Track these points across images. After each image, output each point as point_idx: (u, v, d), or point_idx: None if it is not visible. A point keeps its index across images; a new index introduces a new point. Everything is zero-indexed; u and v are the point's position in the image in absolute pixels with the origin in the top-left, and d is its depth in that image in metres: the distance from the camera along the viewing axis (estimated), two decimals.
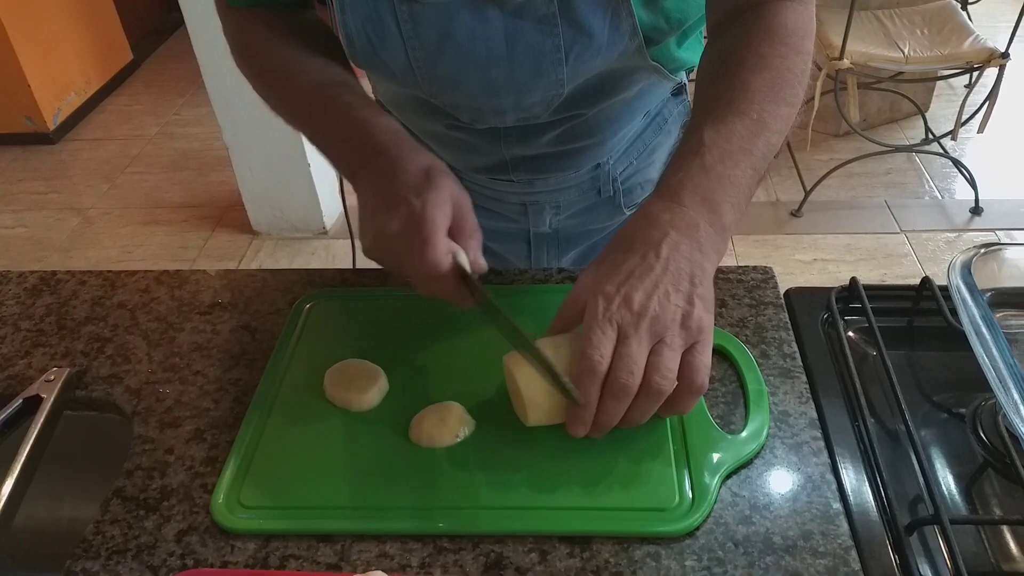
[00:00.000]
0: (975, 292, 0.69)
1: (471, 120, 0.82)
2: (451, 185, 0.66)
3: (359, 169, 0.70)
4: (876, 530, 0.61)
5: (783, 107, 0.68)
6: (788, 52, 0.69)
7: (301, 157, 2.55)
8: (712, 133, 0.65)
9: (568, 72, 0.75)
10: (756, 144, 0.66)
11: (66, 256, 2.73)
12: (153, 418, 0.70)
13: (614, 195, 0.97)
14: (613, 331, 0.58)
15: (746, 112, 0.66)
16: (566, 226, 1.00)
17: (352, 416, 0.69)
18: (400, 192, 0.64)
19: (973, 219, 2.62)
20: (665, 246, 0.61)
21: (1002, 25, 2.96)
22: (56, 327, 0.82)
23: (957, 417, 0.72)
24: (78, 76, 3.52)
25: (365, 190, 0.69)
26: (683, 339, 0.59)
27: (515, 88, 0.76)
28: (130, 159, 3.26)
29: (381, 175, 0.67)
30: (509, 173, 0.91)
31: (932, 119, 3.03)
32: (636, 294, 0.59)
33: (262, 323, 0.80)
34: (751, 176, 0.65)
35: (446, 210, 0.64)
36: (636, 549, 0.58)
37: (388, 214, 0.64)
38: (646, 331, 0.58)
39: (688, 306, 0.60)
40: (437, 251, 0.62)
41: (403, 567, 0.58)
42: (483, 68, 0.75)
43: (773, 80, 0.68)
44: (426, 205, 0.63)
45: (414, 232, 0.62)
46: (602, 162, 0.94)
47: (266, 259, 2.66)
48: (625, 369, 0.57)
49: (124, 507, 0.63)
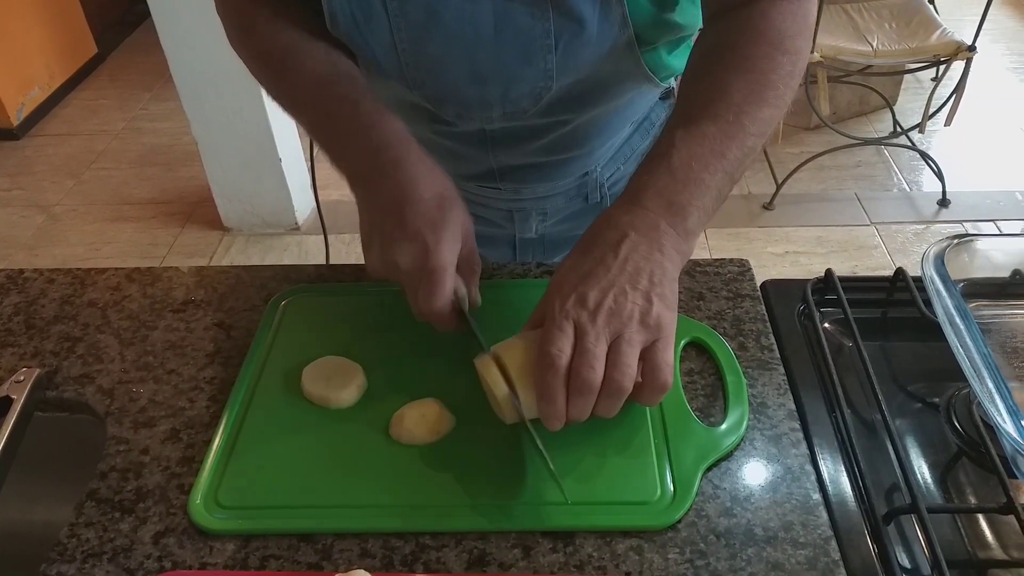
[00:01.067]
0: (948, 283, 0.70)
1: (456, 116, 0.80)
2: (461, 217, 0.66)
3: (366, 179, 0.69)
4: (854, 520, 0.62)
5: (765, 109, 0.67)
6: (774, 52, 0.68)
7: (272, 152, 2.53)
8: (683, 135, 0.65)
9: (558, 61, 0.73)
10: (729, 147, 0.65)
11: (31, 254, 2.68)
12: (127, 418, 0.69)
13: (601, 201, 0.96)
14: (570, 327, 0.58)
15: (722, 114, 0.65)
16: (552, 232, 0.99)
17: (331, 414, 0.68)
18: (414, 224, 0.64)
19: (941, 211, 2.66)
20: (624, 247, 0.61)
21: (968, 18, 3.00)
22: (24, 327, 0.80)
23: (931, 407, 0.73)
24: (41, 70, 3.45)
25: (372, 206, 0.68)
26: (642, 336, 0.59)
27: (502, 76, 0.75)
28: (96, 155, 3.21)
29: (393, 197, 0.66)
30: (496, 181, 0.91)
31: (900, 112, 3.07)
32: (591, 292, 0.59)
33: (237, 320, 0.79)
34: (722, 179, 0.65)
35: (456, 248, 0.64)
36: (619, 543, 0.58)
37: (400, 245, 0.64)
38: (603, 327, 0.58)
39: (646, 303, 0.59)
40: (444, 293, 0.63)
41: (386, 566, 0.58)
42: (470, 51, 0.73)
43: (755, 82, 0.67)
44: (439, 244, 0.63)
45: (424, 272, 0.63)
46: (590, 170, 0.93)
47: (238, 255, 2.63)
48: (586, 365, 0.57)
49: (99, 509, 0.62)
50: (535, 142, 0.85)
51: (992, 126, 3.13)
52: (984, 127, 3.11)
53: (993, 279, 0.78)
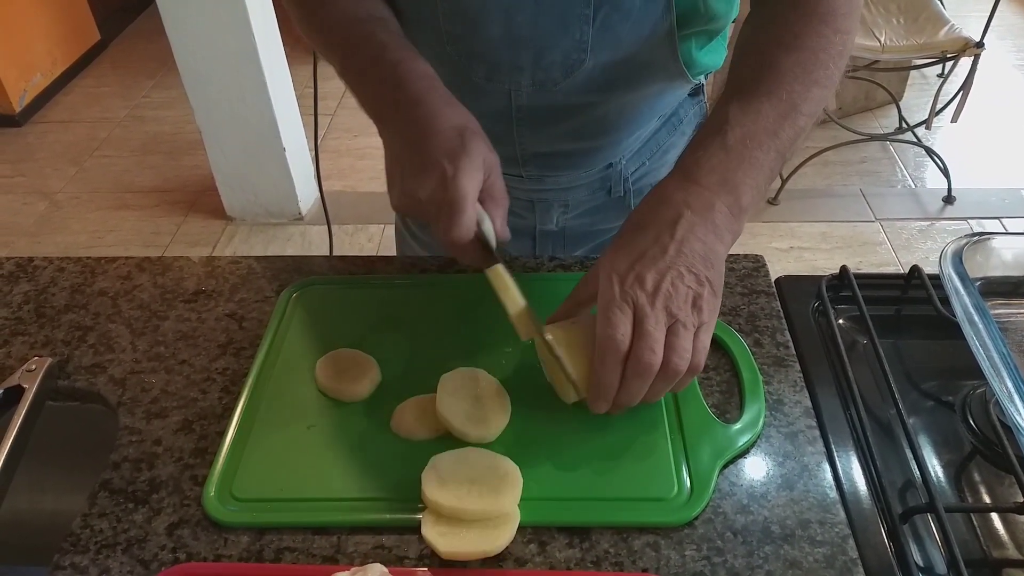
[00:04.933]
0: (967, 281, 0.70)
1: (485, 78, 0.78)
2: (484, 149, 0.64)
3: (390, 115, 0.67)
4: (871, 518, 0.61)
5: (815, 89, 0.66)
6: (826, 31, 0.67)
7: (276, 141, 2.52)
8: (737, 112, 0.64)
9: (594, 34, 0.72)
10: (783, 126, 0.65)
11: (34, 241, 2.67)
12: (139, 408, 0.69)
13: (624, 196, 0.95)
14: (630, 309, 0.58)
15: (775, 92, 0.65)
16: (573, 225, 0.98)
17: (344, 407, 0.68)
18: (433, 155, 0.62)
19: (946, 208, 2.65)
20: (680, 227, 0.61)
21: (975, 15, 2.99)
22: (35, 315, 0.79)
23: (946, 405, 0.73)
24: (44, 56, 3.43)
25: (395, 140, 0.66)
26: (694, 320, 0.59)
27: (536, 41, 0.74)
28: (99, 142, 3.19)
29: (414, 130, 0.64)
30: (520, 167, 0.89)
31: (906, 108, 3.06)
32: (649, 274, 0.59)
33: (248, 311, 0.79)
34: (774, 159, 0.64)
35: (477, 178, 0.62)
36: (635, 539, 0.58)
37: (419, 177, 0.62)
38: (661, 310, 0.58)
39: (700, 287, 0.60)
40: (464, 223, 0.60)
41: (400, 559, 0.57)
42: (507, 11, 0.72)
43: (807, 61, 0.66)
44: (458, 173, 0.61)
45: (444, 200, 0.61)
46: (614, 162, 0.92)
47: (240, 245, 2.62)
48: (648, 348, 0.57)
49: (112, 500, 0.62)
50: (562, 124, 0.84)
51: (998, 123, 3.12)
52: (990, 124, 3.10)
53: (1009, 278, 0.78)
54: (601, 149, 0.89)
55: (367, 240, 2.62)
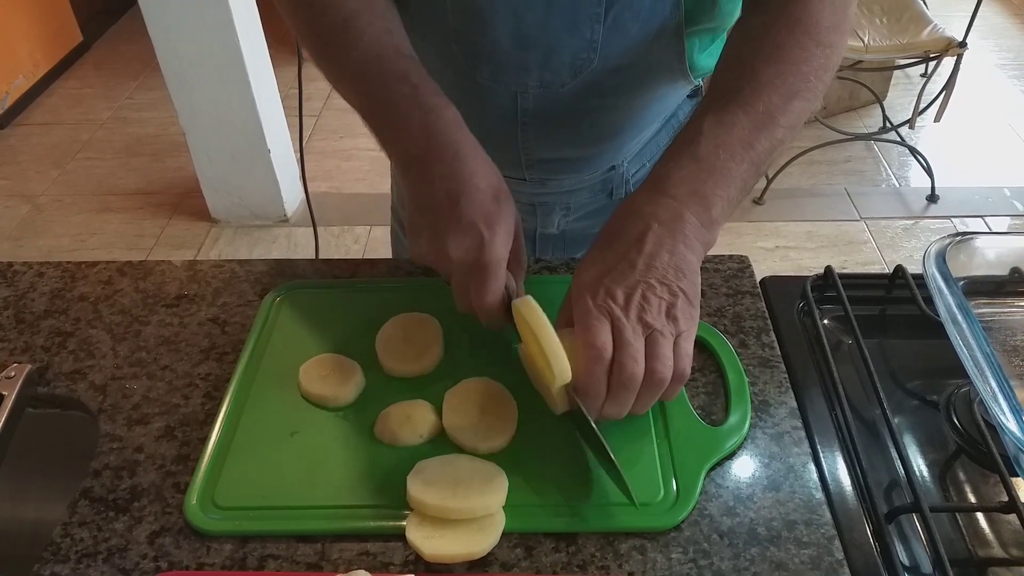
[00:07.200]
0: (950, 281, 0.70)
1: (491, 78, 0.78)
2: (515, 213, 0.65)
3: (420, 159, 0.65)
4: (856, 518, 0.61)
5: (796, 101, 0.66)
6: (809, 43, 0.67)
7: (261, 143, 2.50)
8: (712, 123, 0.64)
9: (604, 34, 0.72)
10: (758, 138, 0.64)
11: (16, 245, 2.64)
12: (120, 415, 0.68)
13: (625, 197, 0.95)
14: (606, 320, 0.58)
15: (752, 104, 0.64)
16: (573, 228, 0.97)
17: (328, 412, 0.67)
18: (469, 215, 0.62)
19: (929, 207, 2.67)
20: (648, 241, 0.61)
21: (957, 15, 3.02)
22: (14, 321, 0.78)
23: (930, 404, 0.73)
24: (26, 58, 3.40)
25: (426, 190, 0.65)
26: (670, 329, 0.59)
27: (545, 41, 0.73)
28: (81, 144, 3.17)
29: (451, 185, 0.63)
30: (524, 171, 0.89)
31: (890, 108, 3.08)
32: (619, 289, 0.59)
33: (231, 315, 0.78)
34: (748, 170, 0.64)
35: (509, 243, 0.63)
36: (621, 543, 0.58)
37: (454, 237, 0.62)
38: (636, 321, 0.58)
39: (672, 298, 0.60)
40: (496, 290, 0.62)
41: (385, 565, 0.57)
42: (517, 11, 0.71)
43: (787, 72, 0.66)
44: (494, 239, 0.61)
45: (478, 264, 0.61)
46: (617, 164, 0.91)
47: (225, 248, 2.60)
48: (630, 358, 0.57)
49: (93, 508, 0.61)
50: (567, 128, 0.83)
51: (981, 122, 3.14)
52: (973, 123, 3.12)
53: (992, 277, 0.78)
54: (605, 152, 0.89)
55: (353, 242, 2.61)
